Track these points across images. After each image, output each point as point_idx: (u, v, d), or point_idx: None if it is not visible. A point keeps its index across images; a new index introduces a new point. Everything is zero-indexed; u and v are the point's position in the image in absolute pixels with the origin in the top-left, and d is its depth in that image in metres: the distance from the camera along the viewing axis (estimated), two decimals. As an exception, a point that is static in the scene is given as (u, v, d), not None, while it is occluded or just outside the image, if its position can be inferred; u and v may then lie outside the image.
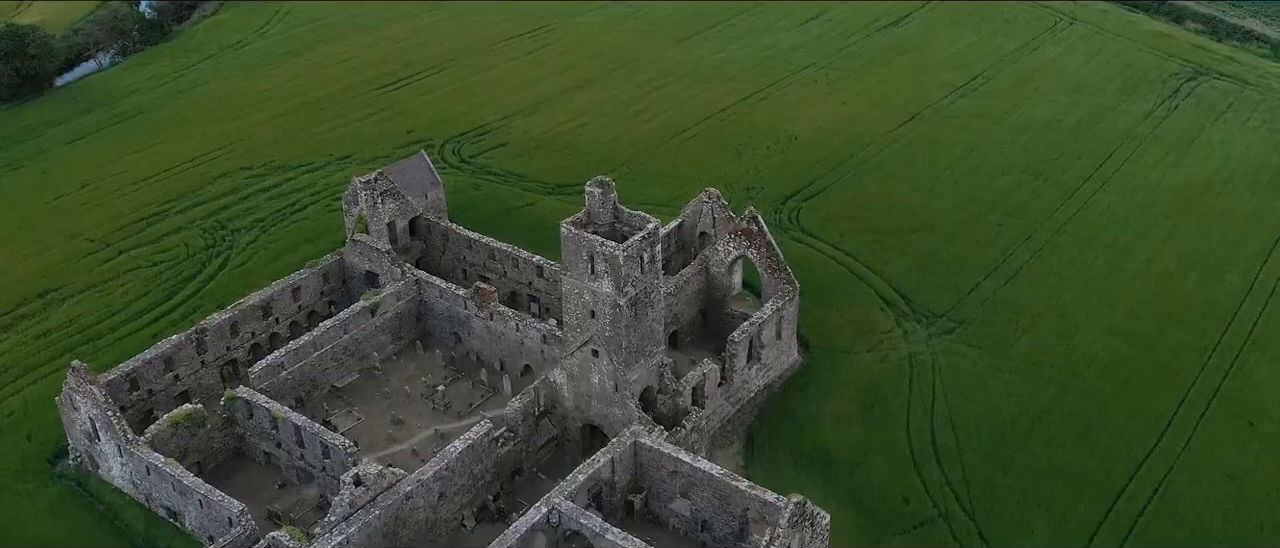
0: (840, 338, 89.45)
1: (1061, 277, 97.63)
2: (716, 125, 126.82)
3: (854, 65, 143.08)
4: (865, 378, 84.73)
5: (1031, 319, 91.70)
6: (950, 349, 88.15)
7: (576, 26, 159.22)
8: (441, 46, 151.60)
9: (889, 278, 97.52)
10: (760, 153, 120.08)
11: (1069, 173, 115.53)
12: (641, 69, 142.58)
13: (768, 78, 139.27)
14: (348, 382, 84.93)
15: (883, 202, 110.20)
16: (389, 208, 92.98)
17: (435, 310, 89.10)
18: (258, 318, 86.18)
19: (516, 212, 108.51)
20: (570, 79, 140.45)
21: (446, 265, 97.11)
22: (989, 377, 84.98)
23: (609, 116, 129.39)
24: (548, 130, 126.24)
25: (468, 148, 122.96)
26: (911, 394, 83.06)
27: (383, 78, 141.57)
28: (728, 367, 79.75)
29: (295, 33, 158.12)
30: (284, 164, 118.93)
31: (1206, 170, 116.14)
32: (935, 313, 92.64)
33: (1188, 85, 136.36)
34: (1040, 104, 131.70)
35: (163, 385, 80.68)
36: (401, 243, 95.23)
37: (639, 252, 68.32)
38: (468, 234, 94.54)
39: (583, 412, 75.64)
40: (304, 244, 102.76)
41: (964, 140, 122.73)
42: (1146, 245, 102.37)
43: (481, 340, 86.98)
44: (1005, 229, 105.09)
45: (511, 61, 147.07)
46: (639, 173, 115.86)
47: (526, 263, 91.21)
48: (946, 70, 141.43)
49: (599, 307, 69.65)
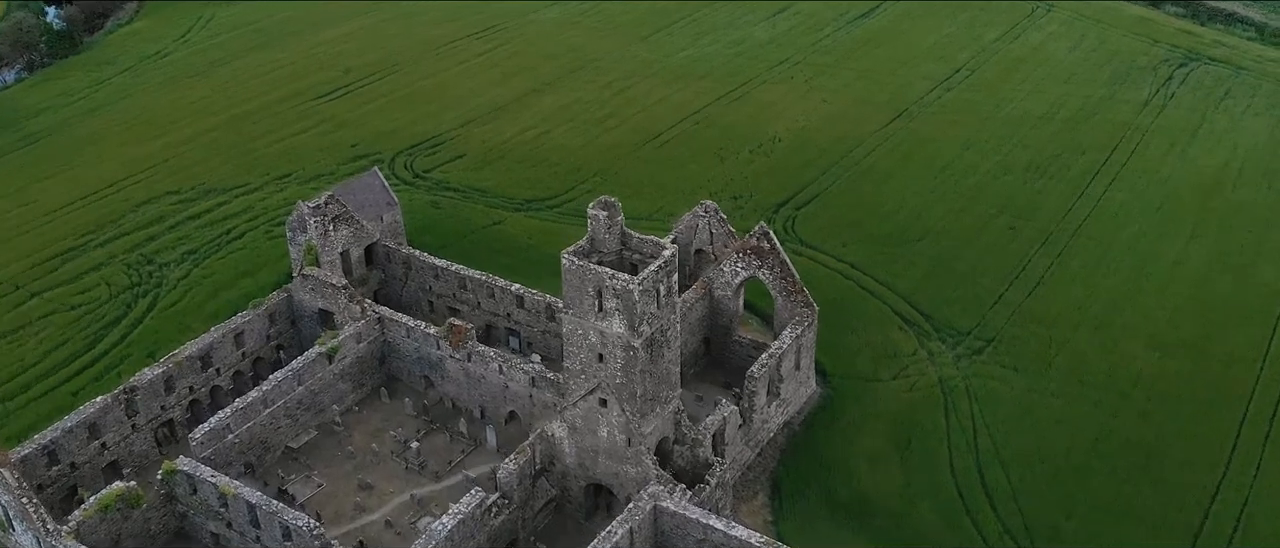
0: (860, 364, 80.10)
1: (1088, 284, 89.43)
2: (692, 128, 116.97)
3: (830, 60, 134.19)
4: (895, 410, 75.43)
5: (1065, 333, 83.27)
6: (983, 372, 79.28)
7: (528, 26, 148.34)
8: (383, 51, 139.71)
9: (902, 292, 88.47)
10: (743, 157, 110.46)
11: (1074, 169, 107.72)
12: (604, 70, 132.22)
13: (741, 76, 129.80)
14: (304, 441, 73.45)
15: (882, 206, 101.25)
16: (342, 235, 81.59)
17: (402, 352, 77.97)
18: (195, 370, 74.30)
19: (483, 232, 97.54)
20: (527, 82, 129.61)
21: (409, 298, 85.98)
22: (1031, 402, 76.23)
23: (574, 122, 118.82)
24: (509, 139, 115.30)
25: (421, 161, 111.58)
26: (949, 427, 73.97)
27: (320, 86, 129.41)
28: (747, 406, 69.86)
29: (221, 40, 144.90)
30: (216, 186, 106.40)
31: (1216, 161, 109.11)
32: (959, 330, 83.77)
33: (1180, 72, 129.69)
34: (1032, 96, 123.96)
35: (87, 457, 68.58)
36: (357, 274, 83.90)
37: (655, 283, 58.08)
38: (433, 261, 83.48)
39: (587, 470, 65.17)
40: (243, 278, 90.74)
41: (958, 137, 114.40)
42: (1171, 245, 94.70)
43: (458, 385, 76.09)
44: (1018, 233, 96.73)
45: (461, 65, 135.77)
46: (614, 184, 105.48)
47: (504, 293, 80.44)
48: (928, 62, 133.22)
49: (608, 349, 59.26)
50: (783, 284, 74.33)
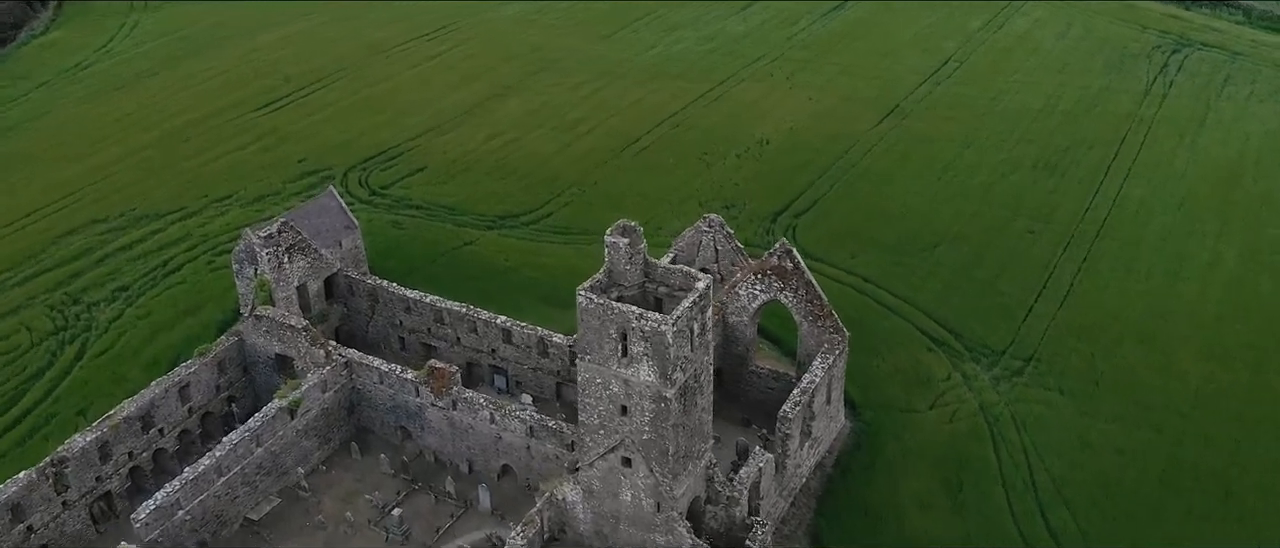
0: (891, 392, 71.83)
1: (1121, 290, 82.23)
2: (671, 132, 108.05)
3: (809, 55, 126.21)
4: (938, 445, 67.21)
5: (1107, 347, 75.85)
6: (1027, 396, 71.45)
7: (483, 25, 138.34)
8: (326, 56, 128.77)
9: (924, 307, 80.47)
10: (730, 162, 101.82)
11: (1084, 164, 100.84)
12: (570, 71, 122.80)
13: (716, 74, 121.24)
14: (266, 510, 63.20)
15: (887, 212, 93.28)
16: (298, 267, 71.39)
17: (374, 400, 68.02)
18: (135, 433, 63.66)
19: (453, 254, 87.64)
20: (487, 86, 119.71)
21: (376, 334, 76.02)
22: (1084, 429, 68.51)
23: (544, 128, 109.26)
24: (473, 149, 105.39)
25: (378, 176, 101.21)
26: (1001, 463, 65.92)
27: (260, 96, 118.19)
28: (780, 451, 61.15)
29: (147, 49, 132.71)
30: (148, 212, 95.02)
31: (1229, 152, 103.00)
32: (993, 349, 75.93)
33: (1175, 59, 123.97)
34: (1026, 88, 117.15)
35: (12, 543, 57.76)
36: (316, 310, 73.77)
37: (688, 322, 49.09)
38: (404, 293, 73.57)
39: (605, 539, 55.96)
40: (185, 318, 79.89)
41: (956, 134, 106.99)
42: (1200, 244, 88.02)
43: (441, 436, 66.39)
44: (1038, 237, 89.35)
45: (413, 69, 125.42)
46: (593, 195, 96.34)
47: (489, 326, 70.84)
48: (912, 55, 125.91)
49: (635, 401, 50.16)
50: (809, 308, 65.72)
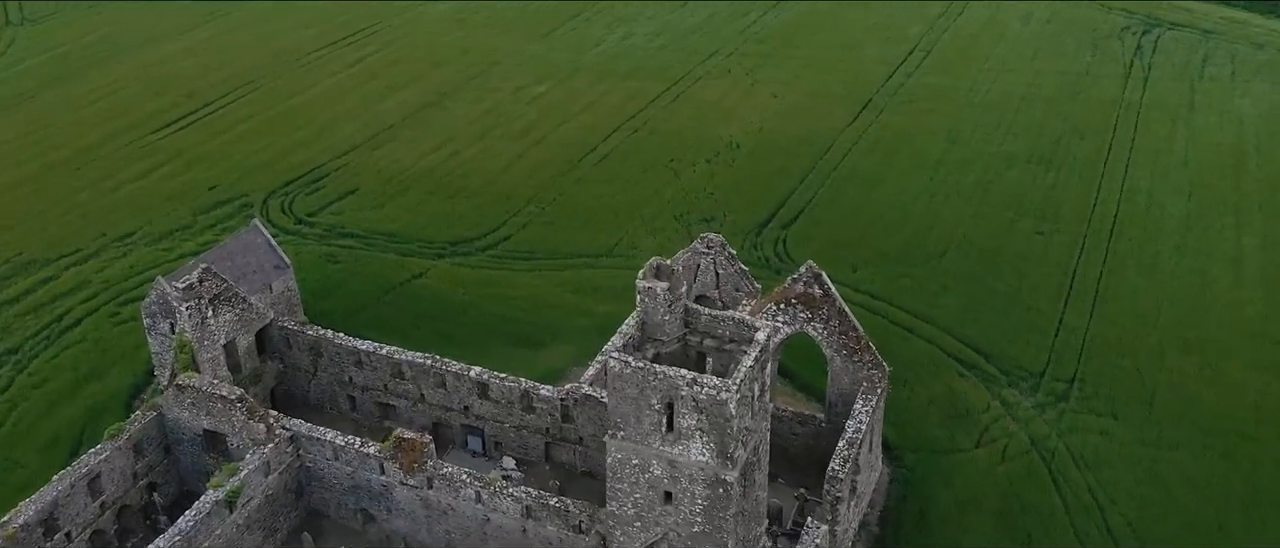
0: (929, 429, 62.73)
1: (1150, 296, 74.61)
2: (632, 138, 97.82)
3: (766, 49, 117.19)
4: (994, 491, 58.25)
5: (1151, 362, 67.95)
6: (1078, 425, 62.99)
7: (405, 27, 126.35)
8: (233, 67, 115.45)
9: (944, 325, 71.70)
10: (701, 169, 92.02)
11: (1080, 156, 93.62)
12: (510, 74, 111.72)
13: (671, 72, 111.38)
14: (206, 628, 51.37)
15: (882, 217, 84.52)
16: (225, 321, 59.43)
17: (329, 480, 56.47)
18: (37, 542, 51.14)
19: (402, 291, 76.12)
20: (420, 94, 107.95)
21: (320, 394, 64.39)
22: (1149, 461, 60.26)
23: (488, 139, 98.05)
24: (410, 165, 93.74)
25: (304, 202, 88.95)
26: (1068, 509, 57.23)
27: (160, 116, 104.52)
28: (831, 516, 51.36)
29: (27, 67, 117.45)
30: (35, 257, 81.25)
31: (1227, 137, 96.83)
32: (1031, 371, 67.43)
33: (1147, 40, 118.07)
34: (1002, 75, 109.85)
35: None
36: (248, 369, 61.90)
37: (750, 384, 38.95)
38: (355, 344, 62.05)
39: (640, 648, 45.49)
40: (88, 385, 66.97)
41: (939, 128, 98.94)
42: (1221, 240, 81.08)
43: (413, 520, 55.19)
44: (1049, 239, 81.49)
45: (333, 78, 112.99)
46: (555, 213, 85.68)
47: (460, 379, 59.78)
48: (875, 44, 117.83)
49: (683, 486, 39.91)
50: (843, 342, 56.12)
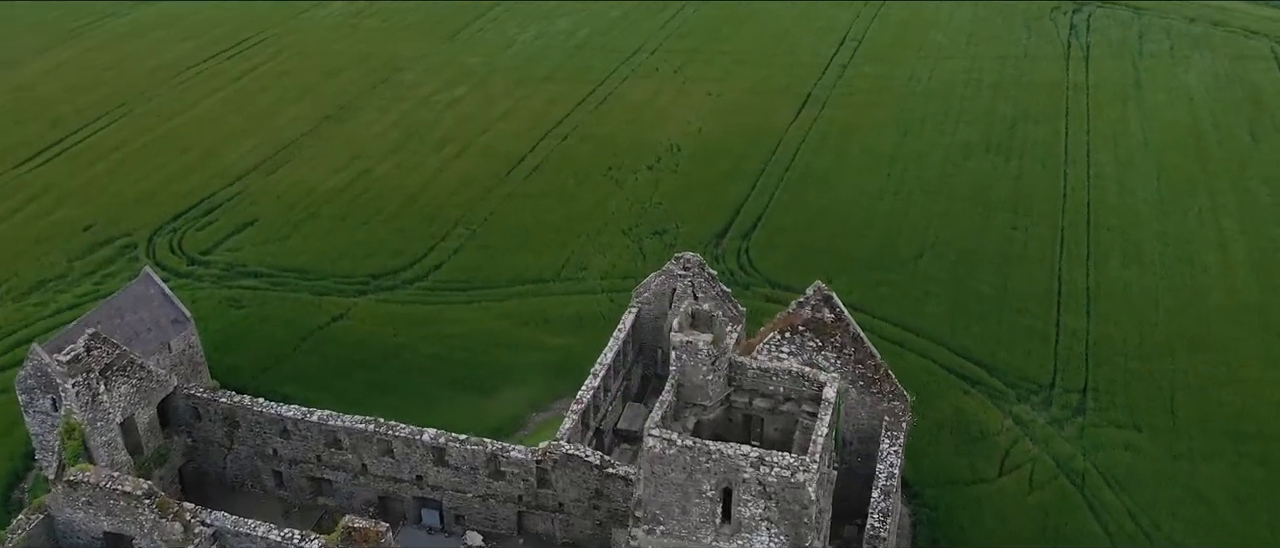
0: (946, 458, 55.91)
1: (1143, 291, 69.55)
2: (562, 146, 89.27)
3: (693, 44, 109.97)
4: (1032, 527, 51.70)
5: (1163, 365, 62.60)
6: (1102, 440, 57.04)
7: (291, 35, 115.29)
8: (102, 88, 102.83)
9: (936, 336, 65.16)
10: (644, 177, 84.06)
11: (1039, 143, 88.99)
12: (417, 81, 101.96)
13: (593, 73, 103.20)
14: None
15: (846, 220, 77.87)
16: (120, 395, 49.12)
17: (262, 578, 46.69)
18: None
19: (321, 337, 66.03)
20: (317, 107, 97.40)
21: (239, 472, 54.40)
22: (1185, 477, 54.61)
23: (401, 154, 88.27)
24: (315, 188, 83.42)
25: (194, 239, 77.80)
26: (1113, 537, 51.05)
27: (21, 147, 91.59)
28: (870, 584, 43.91)
29: None
30: (-124, 320, 68.92)
31: (1180, 116, 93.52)
32: (1038, 383, 61.35)
33: (1079, 19, 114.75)
34: (941, 62, 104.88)
35: None
36: (150, 449, 51.65)
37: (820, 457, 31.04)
38: (279, 411, 52.18)
39: None
40: (-50, 477, 55.66)
41: (886, 120, 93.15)
42: (1202, 224, 76.92)
43: (370, 618, 45.74)
44: (1026, 234, 76.02)
45: (215, 95, 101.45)
46: (489, 234, 76.63)
47: (411, 447, 50.54)
48: (806, 35, 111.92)
49: (740, 590, 31.72)
50: (860, 372, 48.80)
